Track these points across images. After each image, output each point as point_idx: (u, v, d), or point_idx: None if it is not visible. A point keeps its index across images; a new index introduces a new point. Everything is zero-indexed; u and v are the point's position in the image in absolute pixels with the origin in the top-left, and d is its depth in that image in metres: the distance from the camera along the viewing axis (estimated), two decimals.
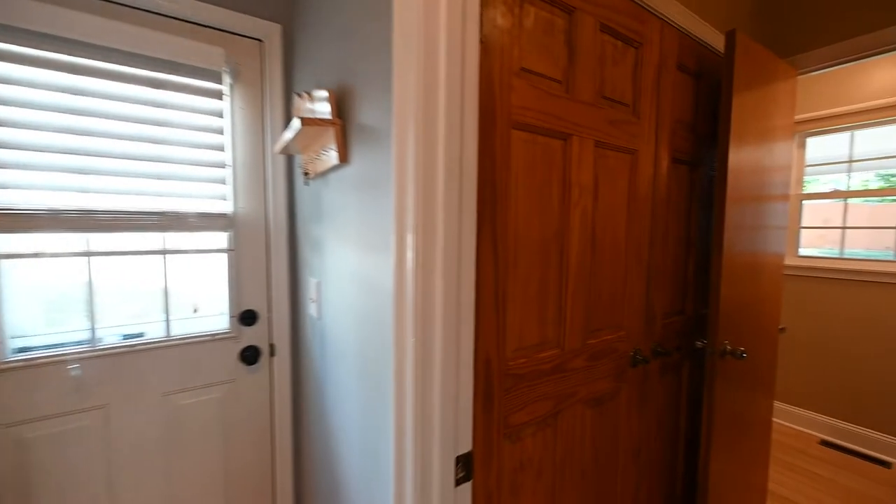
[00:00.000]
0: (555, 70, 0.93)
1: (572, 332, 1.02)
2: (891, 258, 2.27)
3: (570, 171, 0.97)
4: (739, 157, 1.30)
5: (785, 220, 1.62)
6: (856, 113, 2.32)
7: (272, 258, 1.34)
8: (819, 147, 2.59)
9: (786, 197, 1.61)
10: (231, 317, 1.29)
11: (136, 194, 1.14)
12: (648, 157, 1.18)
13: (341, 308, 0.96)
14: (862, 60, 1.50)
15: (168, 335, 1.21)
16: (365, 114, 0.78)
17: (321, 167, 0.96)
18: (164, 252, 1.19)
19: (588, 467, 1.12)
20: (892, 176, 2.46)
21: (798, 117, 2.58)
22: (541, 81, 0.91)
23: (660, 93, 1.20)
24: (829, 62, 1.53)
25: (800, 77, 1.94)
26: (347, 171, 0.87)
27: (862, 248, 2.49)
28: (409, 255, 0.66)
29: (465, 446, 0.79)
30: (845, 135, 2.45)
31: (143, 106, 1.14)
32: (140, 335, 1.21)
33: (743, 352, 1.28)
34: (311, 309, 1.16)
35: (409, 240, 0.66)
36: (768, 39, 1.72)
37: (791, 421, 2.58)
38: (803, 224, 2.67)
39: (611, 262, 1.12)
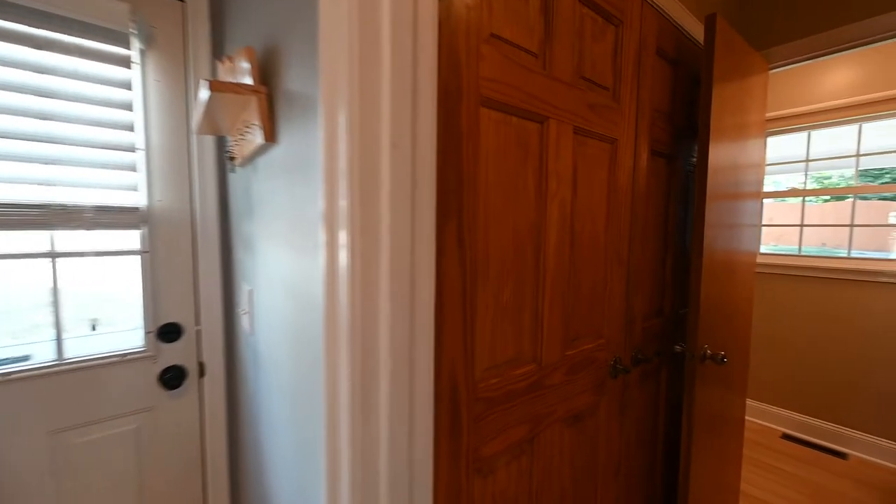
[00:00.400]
0: (530, 41, 0.80)
1: (550, 343, 0.90)
2: (844, 255, 2.34)
3: (547, 158, 0.84)
4: (718, 153, 1.22)
5: (757, 219, 1.59)
6: (811, 113, 2.37)
7: (200, 261, 1.13)
8: (775, 147, 2.64)
9: (758, 195, 1.58)
10: (147, 332, 1.07)
11: (13, 182, 0.90)
12: (628, 146, 1.08)
13: (273, 323, 0.79)
14: (829, 56, 1.49)
15: (60, 358, 0.97)
16: (293, 79, 0.61)
17: (248, 149, 0.78)
18: (52, 255, 0.95)
19: (567, 491, 1.00)
20: (825, 178, 2.54)
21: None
22: (515, 52, 0.78)
23: (640, 78, 1.10)
24: (800, 56, 1.51)
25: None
26: (275, 152, 0.69)
27: (814, 245, 2.57)
28: (343, 257, 0.50)
29: (424, 499, 0.63)
30: (798, 135, 2.51)
31: (21, 71, 0.90)
32: (24, 358, 0.97)
33: (723, 357, 1.21)
34: (245, 322, 0.97)
35: (343, 238, 0.50)
36: (741, 31, 1.69)
37: (754, 416, 2.62)
38: (763, 222, 2.72)
39: (590, 261, 1.01)
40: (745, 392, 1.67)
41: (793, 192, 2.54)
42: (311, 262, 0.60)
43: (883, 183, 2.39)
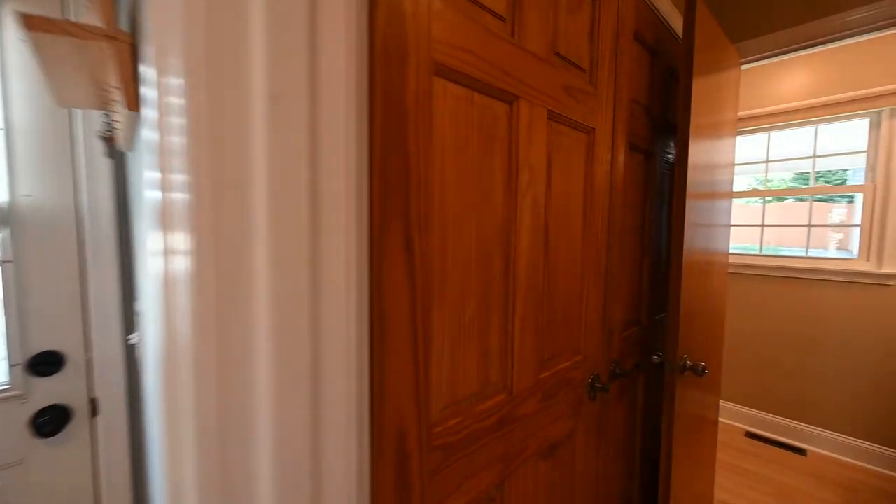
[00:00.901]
0: (496, 0, 0.65)
1: (522, 367, 0.76)
2: (801, 255, 2.39)
3: (517, 146, 0.70)
4: (697, 150, 1.13)
5: (729, 219, 1.54)
6: (770, 115, 2.40)
7: (91, 272, 0.90)
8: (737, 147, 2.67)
9: (731, 194, 1.52)
10: (13, 365, 0.83)
11: None
12: (605, 138, 0.96)
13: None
14: (799, 53, 1.45)
15: None
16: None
17: (125, 126, 0.57)
18: None
19: None
20: (768, 181, 2.60)
21: None
22: (478, 13, 0.62)
23: (618, 62, 0.98)
24: (772, 51, 1.46)
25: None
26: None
27: (773, 244, 2.62)
28: (183, 274, 0.32)
29: None
30: (755, 136, 2.54)
31: None
32: None
33: (704, 368, 1.13)
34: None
35: (181, 242, 0.32)
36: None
37: (720, 415, 2.64)
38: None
39: (566, 268, 0.88)
40: (718, 396, 1.62)
41: (754, 193, 2.58)
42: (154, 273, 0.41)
43: (829, 183, 2.47)
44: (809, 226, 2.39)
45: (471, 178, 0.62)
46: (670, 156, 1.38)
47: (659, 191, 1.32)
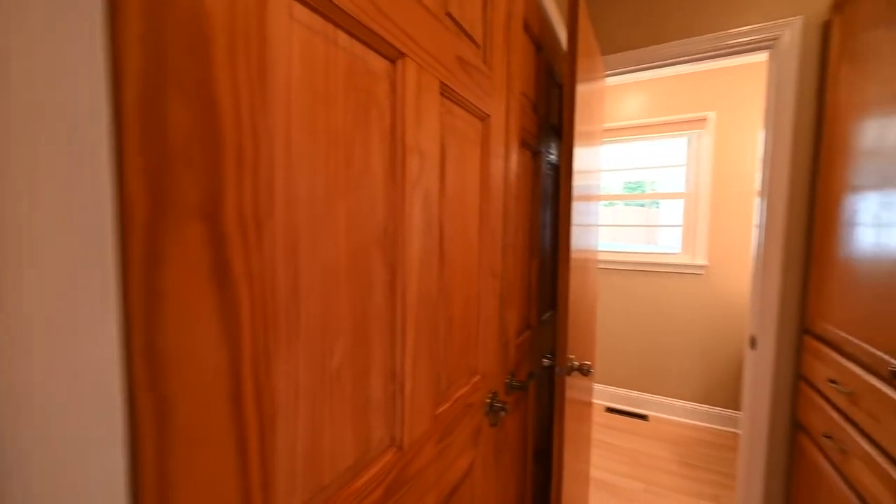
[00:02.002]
0: None
1: (416, 410, 0.59)
2: (638, 250, 2.81)
3: (404, 121, 0.52)
4: (578, 156, 1.14)
5: (599, 219, 1.65)
6: (615, 129, 2.76)
7: None
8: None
9: (601, 197, 1.63)
10: None
11: None
12: (500, 129, 0.86)
13: None
14: (651, 70, 1.63)
15: None
16: None
17: None
18: None
19: None
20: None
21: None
22: None
23: (510, 47, 0.89)
24: (629, 67, 1.60)
25: None
26: None
27: (608, 242, 3.05)
28: None
29: None
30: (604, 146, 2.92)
31: None
32: None
33: (589, 367, 1.14)
34: None
35: None
36: None
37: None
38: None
39: (464, 277, 0.74)
40: (593, 381, 1.74)
41: (609, 196, 2.93)
42: None
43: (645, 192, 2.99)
44: (648, 226, 2.83)
45: (336, 159, 0.42)
46: (552, 156, 1.39)
47: (544, 189, 1.32)
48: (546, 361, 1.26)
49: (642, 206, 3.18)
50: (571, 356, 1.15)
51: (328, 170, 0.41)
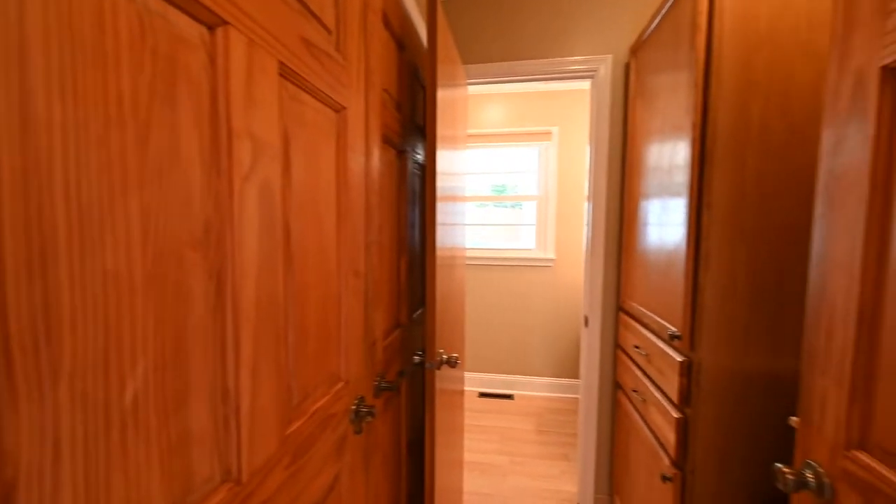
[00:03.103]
0: None
1: (258, 433, 0.52)
2: (500, 247, 3.12)
3: (228, 101, 0.45)
4: (442, 158, 1.18)
5: (466, 219, 1.75)
6: (477, 136, 3.00)
7: None
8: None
9: (465, 198, 1.74)
10: None
11: None
12: (359, 123, 0.83)
13: None
14: (500, 84, 1.80)
15: None
16: None
17: None
18: None
19: None
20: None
21: None
22: None
23: (367, 39, 0.87)
24: (484, 79, 1.74)
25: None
26: None
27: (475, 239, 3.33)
28: None
29: None
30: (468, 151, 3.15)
31: None
32: None
33: (457, 359, 1.20)
34: None
35: None
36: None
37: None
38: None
39: (320, 279, 0.69)
40: (464, 371, 1.85)
41: (474, 198, 3.16)
42: None
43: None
44: (509, 225, 3.15)
45: (122, 142, 0.33)
46: (419, 156, 1.42)
47: (411, 189, 1.33)
48: (417, 358, 1.28)
49: (511, 207, 3.51)
50: (441, 350, 1.19)
51: (109, 155, 0.32)
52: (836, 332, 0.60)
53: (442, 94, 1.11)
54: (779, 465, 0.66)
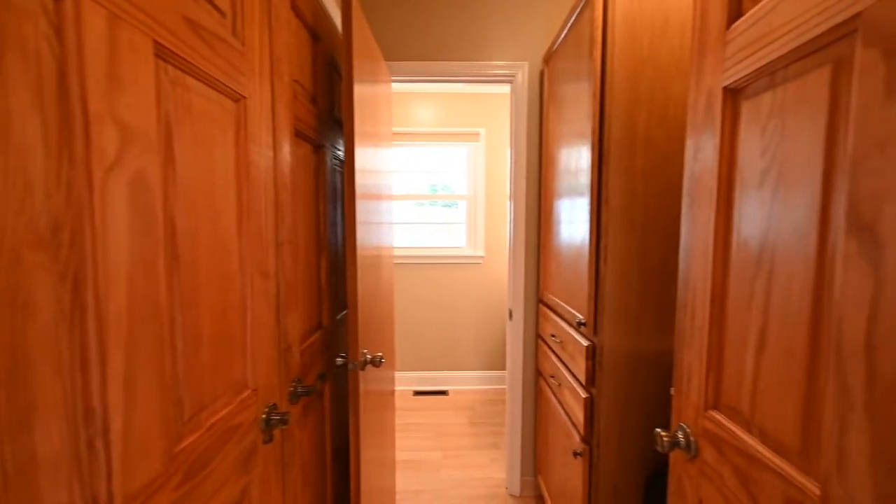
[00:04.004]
0: None
1: (136, 453, 0.46)
2: (436, 246, 3.16)
3: (83, 80, 0.40)
4: (362, 155, 1.16)
5: (392, 217, 1.74)
6: (407, 134, 3.01)
7: None
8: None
9: (391, 196, 1.72)
10: None
11: None
12: (264, 115, 0.78)
13: None
14: (425, 82, 1.82)
15: None
16: None
17: None
18: None
19: None
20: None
21: None
22: None
23: (272, 25, 0.82)
24: (408, 76, 1.75)
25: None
26: None
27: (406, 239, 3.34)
28: None
29: None
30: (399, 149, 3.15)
31: None
32: None
33: (381, 358, 1.19)
34: None
35: None
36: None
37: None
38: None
39: (217, 281, 0.64)
40: (394, 370, 1.84)
41: (404, 197, 3.15)
42: None
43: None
44: (442, 224, 3.19)
45: None
46: (340, 152, 1.38)
47: (332, 186, 1.29)
48: (340, 360, 1.24)
49: (448, 206, 3.53)
50: (364, 350, 1.17)
51: None
52: (698, 312, 0.70)
53: (361, 89, 1.09)
54: (658, 429, 0.75)
